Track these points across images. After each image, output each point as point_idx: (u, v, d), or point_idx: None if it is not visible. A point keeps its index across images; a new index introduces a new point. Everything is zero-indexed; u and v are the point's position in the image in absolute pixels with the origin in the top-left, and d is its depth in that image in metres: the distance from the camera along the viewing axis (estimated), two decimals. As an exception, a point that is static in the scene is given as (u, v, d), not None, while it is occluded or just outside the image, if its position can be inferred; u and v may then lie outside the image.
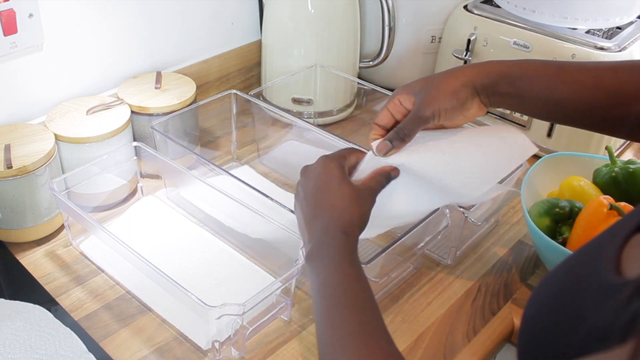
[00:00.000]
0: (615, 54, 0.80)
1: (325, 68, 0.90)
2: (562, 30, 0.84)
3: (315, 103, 0.93)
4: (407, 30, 0.99)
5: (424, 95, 0.54)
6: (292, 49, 0.91)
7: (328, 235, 0.48)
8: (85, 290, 0.66)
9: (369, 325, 0.42)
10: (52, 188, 0.66)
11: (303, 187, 0.53)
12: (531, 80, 0.55)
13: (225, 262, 0.68)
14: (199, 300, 0.53)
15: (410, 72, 1.04)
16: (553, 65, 0.57)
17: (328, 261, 0.47)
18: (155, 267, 0.56)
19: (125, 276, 0.66)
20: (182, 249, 0.70)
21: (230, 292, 0.64)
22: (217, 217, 0.72)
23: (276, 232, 0.61)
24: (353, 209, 0.50)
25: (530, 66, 0.56)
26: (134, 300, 0.64)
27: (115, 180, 0.75)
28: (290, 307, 0.63)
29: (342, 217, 0.49)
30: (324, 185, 0.51)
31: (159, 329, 0.61)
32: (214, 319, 0.54)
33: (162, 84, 0.82)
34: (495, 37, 0.88)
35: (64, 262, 0.69)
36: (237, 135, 0.86)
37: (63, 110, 0.76)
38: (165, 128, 0.77)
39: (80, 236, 0.71)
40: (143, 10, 0.85)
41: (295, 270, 0.58)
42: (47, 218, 0.70)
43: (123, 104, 0.78)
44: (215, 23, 0.96)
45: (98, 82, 0.84)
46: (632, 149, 0.93)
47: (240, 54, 1.01)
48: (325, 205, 0.50)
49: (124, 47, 0.85)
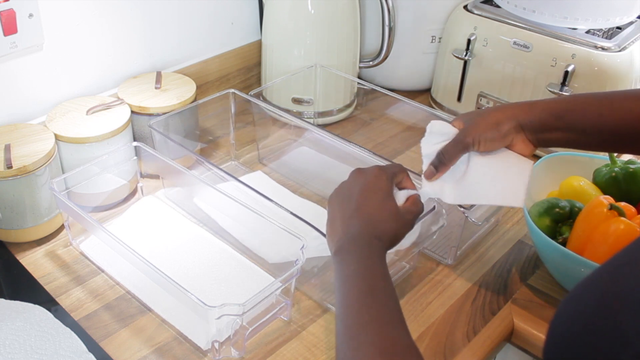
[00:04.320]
0: (615, 53, 0.80)
1: (325, 68, 0.90)
2: (562, 30, 0.84)
3: (315, 103, 0.93)
4: (407, 30, 0.99)
5: (469, 123, 0.58)
6: (292, 49, 0.91)
7: (362, 237, 0.50)
8: (85, 290, 0.66)
9: (393, 316, 0.44)
10: (52, 188, 0.66)
11: (349, 186, 0.55)
12: (580, 113, 0.56)
13: (225, 262, 0.68)
14: (198, 300, 0.53)
15: (410, 72, 1.04)
16: (598, 97, 0.57)
17: (359, 255, 0.49)
18: (155, 267, 0.56)
19: (125, 276, 0.66)
20: (182, 249, 0.70)
21: (230, 292, 0.64)
22: (216, 217, 0.72)
23: (276, 234, 0.61)
24: (390, 224, 0.52)
25: (576, 100, 0.57)
26: (134, 300, 0.64)
27: (115, 180, 0.75)
28: (290, 308, 0.63)
29: (378, 227, 0.51)
30: (371, 192, 0.53)
31: (158, 329, 0.61)
32: (214, 319, 0.54)
33: (162, 84, 0.82)
34: (495, 37, 0.88)
35: (64, 262, 0.69)
36: (236, 135, 0.86)
37: (63, 110, 0.76)
38: (165, 128, 0.77)
39: (80, 236, 0.71)
40: (143, 10, 0.85)
41: (295, 271, 0.58)
42: (47, 218, 0.70)
43: (123, 104, 0.78)
44: (215, 23, 0.96)
45: (98, 82, 0.84)
46: (632, 149, 0.93)
47: (240, 54, 1.01)
48: (366, 211, 0.52)
49: (124, 47, 0.85)
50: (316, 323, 0.63)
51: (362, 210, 0.52)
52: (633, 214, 0.63)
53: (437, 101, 0.99)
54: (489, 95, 0.91)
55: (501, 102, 0.90)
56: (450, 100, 0.96)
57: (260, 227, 0.63)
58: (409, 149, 0.91)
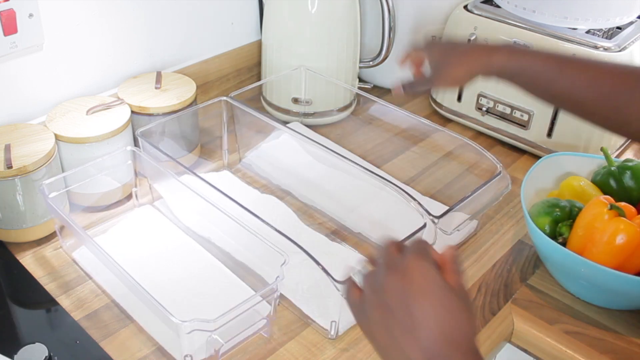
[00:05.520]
0: (615, 54, 0.80)
1: (315, 73, 0.89)
2: (562, 30, 0.84)
3: (314, 103, 0.93)
4: (407, 30, 0.98)
5: (436, 72, 0.65)
6: (292, 49, 0.91)
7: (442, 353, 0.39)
8: (85, 290, 0.66)
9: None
10: (42, 191, 0.65)
11: (389, 293, 0.41)
12: (529, 78, 0.59)
13: (213, 276, 0.67)
14: (169, 314, 0.52)
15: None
16: (553, 61, 0.59)
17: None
18: (133, 279, 0.55)
19: (112, 284, 0.65)
20: (171, 261, 0.68)
21: (218, 308, 0.60)
22: (204, 228, 0.71)
23: (258, 247, 0.59)
24: (463, 315, 0.40)
25: (531, 61, 0.59)
26: (117, 309, 0.63)
27: (109, 182, 0.74)
28: (270, 324, 0.60)
29: (457, 338, 0.39)
30: (427, 297, 0.40)
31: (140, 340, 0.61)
32: (184, 333, 0.53)
33: (162, 84, 0.82)
34: (495, 37, 0.88)
35: (64, 262, 0.69)
36: (229, 141, 0.84)
37: (63, 110, 0.76)
38: (161, 133, 0.76)
39: (72, 239, 0.70)
40: (143, 10, 0.85)
41: (275, 286, 0.57)
42: (46, 218, 0.70)
43: (123, 104, 0.77)
44: (215, 23, 0.96)
45: (98, 82, 0.84)
46: (632, 148, 0.93)
47: (240, 54, 1.01)
48: (438, 328, 0.39)
49: (124, 47, 0.85)
50: (295, 341, 0.61)
51: (434, 330, 0.39)
52: (633, 213, 0.63)
53: (437, 101, 0.99)
54: (489, 95, 0.91)
55: (501, 102, 0.90)
56: (451, 100, 0.96)
57: (246, 240, 0.61)
58: (406, 151, 0.90)
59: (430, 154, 0.88)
